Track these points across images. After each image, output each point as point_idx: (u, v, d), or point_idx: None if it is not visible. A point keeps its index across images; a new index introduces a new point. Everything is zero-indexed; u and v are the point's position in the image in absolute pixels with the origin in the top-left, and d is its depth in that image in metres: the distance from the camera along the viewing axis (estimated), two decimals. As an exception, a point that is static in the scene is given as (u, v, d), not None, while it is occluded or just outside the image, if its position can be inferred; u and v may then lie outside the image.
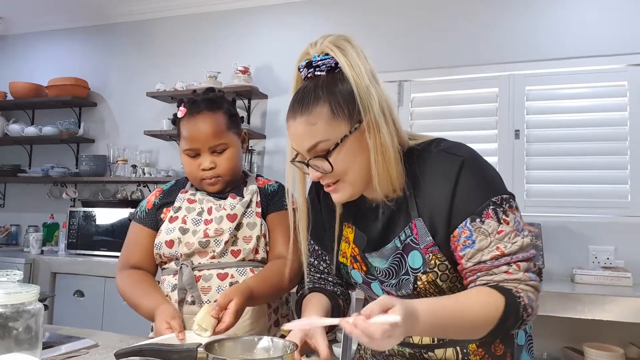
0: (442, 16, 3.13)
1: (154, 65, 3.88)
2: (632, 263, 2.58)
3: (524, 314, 0.90)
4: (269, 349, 0.90)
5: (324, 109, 0.95)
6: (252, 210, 1.37)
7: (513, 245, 0.93)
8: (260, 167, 3.52)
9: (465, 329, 0.90)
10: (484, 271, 0.93)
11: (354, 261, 1.10)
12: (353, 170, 0.97)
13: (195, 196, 1.41)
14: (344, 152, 0.95)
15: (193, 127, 1.34)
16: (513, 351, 1.06)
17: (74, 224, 3.58)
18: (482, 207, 0.94)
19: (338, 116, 0.94)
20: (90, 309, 3.22)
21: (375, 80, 0.96)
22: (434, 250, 0.97)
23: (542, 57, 2.90)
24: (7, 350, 0.79)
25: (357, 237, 1.09)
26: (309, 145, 0.96)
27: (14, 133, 3.98)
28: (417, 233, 0.99)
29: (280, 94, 3.51)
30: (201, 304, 1.29)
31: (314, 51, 0.99)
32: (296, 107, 0.98)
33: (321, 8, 3.44)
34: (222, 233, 1.32)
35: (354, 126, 0.95)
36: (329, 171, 0.97)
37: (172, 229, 1.35)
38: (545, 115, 2.91)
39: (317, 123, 0.95)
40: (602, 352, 2.31)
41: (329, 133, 0.95)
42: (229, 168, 1.37)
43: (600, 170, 2.79)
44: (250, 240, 1.33)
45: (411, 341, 1.06)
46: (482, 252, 0.93)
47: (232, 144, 1.37)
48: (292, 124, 0.98)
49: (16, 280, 0.86)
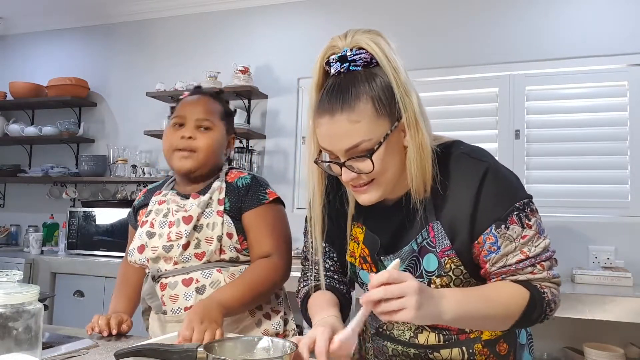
0: (442, 16, 3.13)
1: (154, 65, 3.88)
2: (632, 263, 2.58)
3: (547, 309, 0.93)
4: (269, 349, 0.89)
5: (368, 105, 0.89)
6: (212, 209, 1.29)
7: (537, 248, 0.94)
8: (260, 167, 3.52)
9: (491, 316, 0.91)
10: (509, 274, 0.94)
11: (363, 262, 1.08)
12: (390, 170, 0.94)
13: (166, 196, 1.38)
14: (385, 151, 0.91)
15: (189, 102, 1.37)
16: (516, 350, 1.07)
17: (73, 224, 3.58)
18: (507, 214, 0.93)
19: (381, 113, 0.90)
20: (90, 309, 3.22)
21: (406, 72, 0.93)
22: (450, 255, 0.96)
23: (542, 57, 2.90)
24: (7, 350, 0.79)
25: (367, 237, 1.07)
26: (350, 144, 0.90)
27: (14, 133, 3.98)
28: (435, 236, 0.97)
29: (280, 94, 3.51)
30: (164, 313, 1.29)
31: (343, 44, 0.93)
32: (334, 103, 0.90)
33: (321, 8, 3.44)
34: (181, 237, 1.27)
35: (394, 124, 0.91)
36: (368, 172, 0.92)
37: (141, 233, 1.34)
38: (545, 115, 2.91)
39: (360, 121, 0.89)
40: (602, 352, 2.31)
41: (372, 132, 0.90)
42: (207, 146, 1.32)
43: (600, 170, 2.79)
44: (212, 242, 1.26)
45: (416, 342, 1.06)
46: (507, 257, 0.94)
47: (217, 129, 1.36)
48: (329, 121, 0.91)
49: (16, 280, 0.86)
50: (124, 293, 1.42)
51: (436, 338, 1.04)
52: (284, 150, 3.48)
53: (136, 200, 1.48)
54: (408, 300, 0.79)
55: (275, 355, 0.88)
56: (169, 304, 1.28)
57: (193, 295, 1.26)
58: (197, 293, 1.26)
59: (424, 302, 0.80)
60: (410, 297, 0.79)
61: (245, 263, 1.32)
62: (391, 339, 1.10)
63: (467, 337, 1.04)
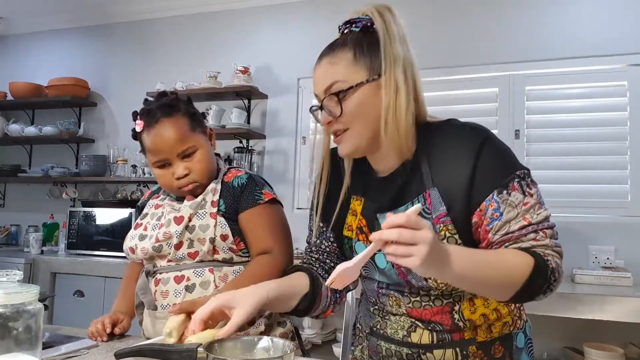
0: (442, 16, 3.13)
1: (154, 65, 3.88)
2: (632, 263, 2.58)
3: (551, 277, 0.91)
4: (269, 349, 0.90)
5: (348, 53, 0.98)
6: (206, 211, 1.28)
7: (538, 216, 0.94)
8: (260, 167, 3.53)
9: (494, 280, 0.89)
10: (512, 240, 0.93)
11: (360, 232, 1.08)
12: (361, 121, 0.99)
13: (163, 201, 1.37)
14: (356, 98, 0.98)
15: (155, 138, 1.27)
16: (512, 353, 1.05)
17: (74, 224, 3.58)
18: (508, 180, 0.95)
19: (359, 62, 0.98)
20: (90, 309, 3.22)
21: (405, 45, 1.01)
22: (445, 221, 0.97)
23: (542, 57, 2.90)
24: (7, 350, 0.79)
25: (365, 207, 1.08)
26: (326, 84, 0.99)
27: (14, 133, 3.98)
28: (431, 203, 0.98)
29: (280, 94, 3.51)
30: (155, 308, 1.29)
31: (356, 15, 1.04)
32: (324, 52, 1.02)
33: (321, 8, 3.44)
34: (170, 237, 1.26)
35: (372, 76, 0.98)
36: (337, 114, 0.98)
37: (134, 236, 1.35)
38: (545, 115, 2.91)
39: (338, 63, 0.98)
40: (602, 352, 2.31)
41: (346, 75, 0.98)
42: (203, 170, 1.30)
43: (600, 170, 2.79)
44: (204, 243, 1.26)
45: (409, 340, 1.05)
46: (510, 224, 0.94)
47: (200, 145, 1.31)
48: (317, 67, 1.02)
49: (16, 280, 0.86)
50: (128, 294, 1.41)
51: (429, 337, 1.04)
52: (284, 150, 3.48)
53: (141, 200, 1.49)
54: (419, 249, 0.78)
55: (275, 355, 0.88)
56: (160, 299, 1.29)
57: (182, 292, 1.26)
58: (187, 291, 1.26)
59: (432, 255, 0.79)
60: (422, 246, 0.78)
61: (240, 264, 1.32)
62: (385, 338, 1.10)
63: (462, 338, 1.03)
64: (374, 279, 1.10)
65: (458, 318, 1.02)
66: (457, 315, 1.02)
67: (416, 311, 1.05)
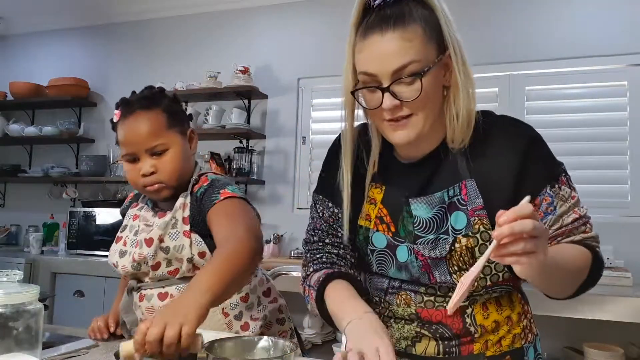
0: (442, 16, 3.13)
1: (154, 65, 3.88)
2: (632, 263, 2.57)
3: (602, 268, 0.92)
4: (269, 349, 0.90)
5: (419, 29, 0.87)
6: (178, 230, 1.20)
7: (584, 209, 0.95)
8: (260, 167, 3.53)
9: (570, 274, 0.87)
10: (565, 235, 0.93)
11: (380, 222, 1.01)
12: (430, 105, 0.90)
13: (140, 211, 1.32)
14: (431, 79, 0.88)
15: (127, 129, 1.22)
16: None
17: (74, 224, 3.58)
18: (557, 174, 0.95)
19: (431, 38, 0.88)
20: (90, 309, 3.22)
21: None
22: (480, 215, 0.92)
23: (542, 57, 2.90)
24: (7, 350, 0.79)
25: (387, 197, 1.01)
26: (400, 64, 0.86)
27: (14, 133, 3.98)
28: (467, 193, 0.93)
29: (280, 94, 3.51)
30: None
31: None
32: (386, 20, 0.87)
33: (321, 8, 3.44)
34: (144, 258, 1.20)
35: (439, 56, 0.89)
36: (412, 98, 0.87)
37: (115, 250, 1.31)
38: (545, 115, 2.92)
39: (412, 40, 0.86)
40: (602, 352, 2.31)
41: (421, 54, 0.87)
42: (172, 171, 1.21)
43: (600, 170, 2.79)
44: (182, 262, 1.19)
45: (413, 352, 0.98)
46: (563, 218, 0.93)
47: (173, 144, 1.22)
48: (379, 39, 0.87)
49: (16, 280, 0.86)
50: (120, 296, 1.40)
51: (435, 349, 0.97)
52: (284, 150, 3.48)
53: (122, 206, 1.45)
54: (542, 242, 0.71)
55: (275, 355, 0.88)
56: (146, 315, 1.24)
57: None
58: None
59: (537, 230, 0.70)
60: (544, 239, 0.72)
61: None
62: None
63: (470, 353, 0.96)
64: (387, 275, 1.02)
65: (470, 322, 0.96)
66: (469, 319, 0.97)
67: (427, 312, 0.98)
